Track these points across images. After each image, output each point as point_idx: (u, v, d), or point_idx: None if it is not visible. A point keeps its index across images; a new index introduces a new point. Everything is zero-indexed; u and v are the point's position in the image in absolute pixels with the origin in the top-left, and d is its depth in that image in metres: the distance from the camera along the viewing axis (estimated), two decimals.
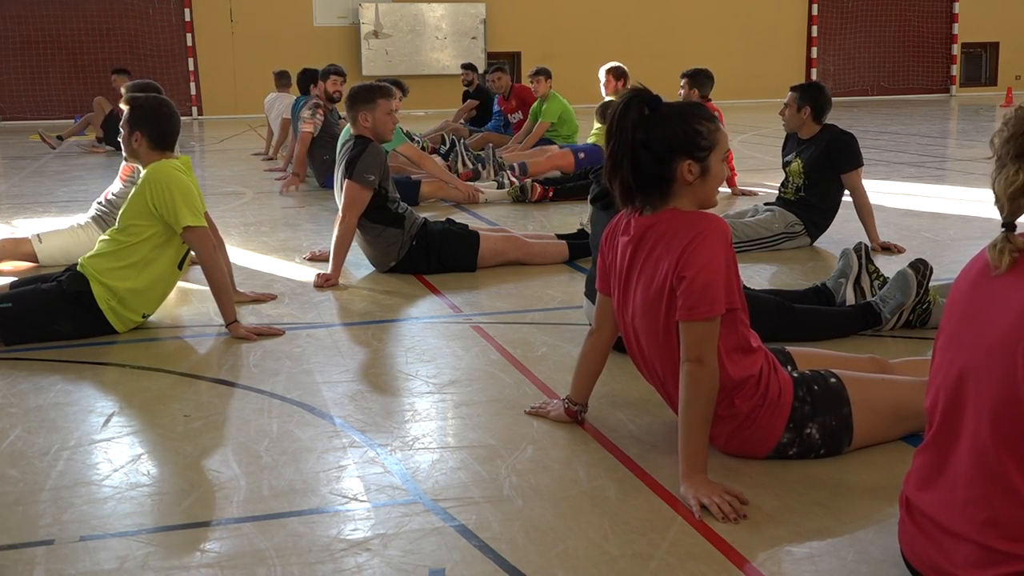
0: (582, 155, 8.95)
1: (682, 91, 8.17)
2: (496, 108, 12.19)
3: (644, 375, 3.02)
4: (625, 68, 9.30)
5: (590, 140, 9.48)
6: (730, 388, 2.77)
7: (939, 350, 2.10)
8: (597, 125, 9.00)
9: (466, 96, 13.43)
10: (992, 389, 1.91)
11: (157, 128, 4.38)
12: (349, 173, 5.31)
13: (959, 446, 1.99)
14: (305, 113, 9.19)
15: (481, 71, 13.54)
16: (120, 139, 4.48)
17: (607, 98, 9.37)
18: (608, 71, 9.31)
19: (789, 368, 3.01)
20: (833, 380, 2.88)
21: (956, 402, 2.00)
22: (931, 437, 2.08)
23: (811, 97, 5.95)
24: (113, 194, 5.98)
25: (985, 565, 1.90)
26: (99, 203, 6.08)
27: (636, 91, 2.75)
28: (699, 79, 8.19)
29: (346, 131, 5.91)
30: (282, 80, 11.97)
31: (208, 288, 4.42)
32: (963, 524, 1.95)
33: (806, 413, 2.82)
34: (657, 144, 2.70)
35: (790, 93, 6.04)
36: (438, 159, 8.84)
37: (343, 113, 10.70)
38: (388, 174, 5.45)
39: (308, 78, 10.24)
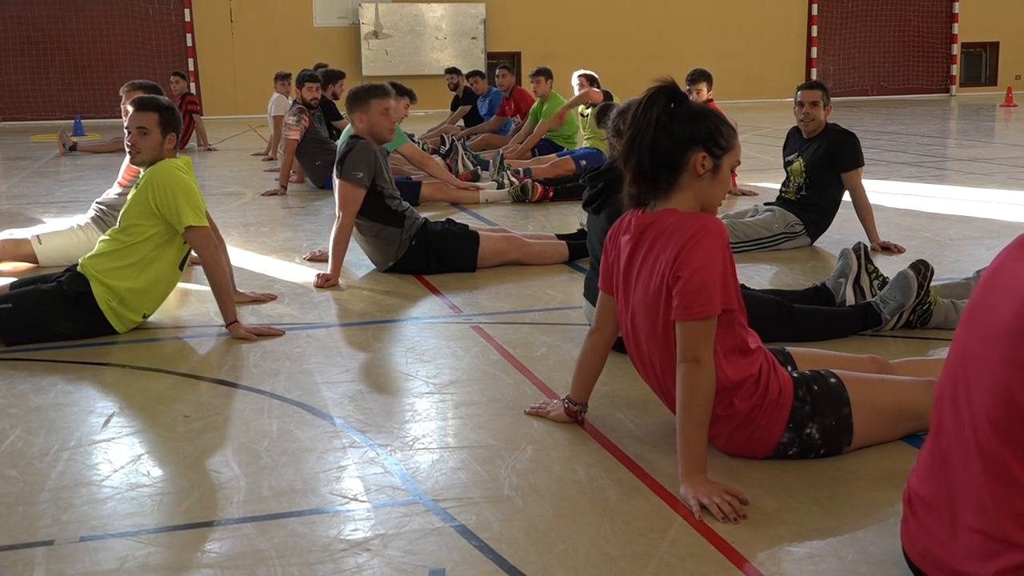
0: (583, 162, 8.96)
1: (693, 94, 8.15)
2: (485, 109, 12.23)
3: (641, 375, 3.02)
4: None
5: (586, 143, 9.50)
6: (729, 388, 2.77)
7: (954, 341, 2.09)
8: (594, 129, 9.02)
9: (455, 101, 13.42)
10: (989, 378, 1.90)
11: (180, 128, 4.46)
12: (339, 172, 5.34)
13: (962, 435, 1.98)
14: (290, 119, 9.11)
15: (478, 71, 13.56)
16: (129, 143, 4.41)
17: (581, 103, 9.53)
18: (583, 76, 9.46)
19: (789, 368, 3.01)
20: (833, 380, 2.88)
21: (959, 391, 1.99)
22: (934, 427, 2.08)
23: (828, 93, 5.96)
24: (113, 195, 5.98)
25: (988, 556, 1.90)
26: (98, 204, 6.08)
27: (665, 84, 2.77)
28: (710, 80, 8.20)
29: (347, 131, 5.92)
30: (282, 81, 11.97)
31: (208, 288, 4.42)
32: (968, 513, 1.95)
33: (806, 413, 2.82)
34: (679, 130, 2.73)
35: (808, 91, 5.94)
36: (438, 159, 8.84)
37: (343, 113, 10.68)
38: (383, 171, 5.44)
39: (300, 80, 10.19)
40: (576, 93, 9.50)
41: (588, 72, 9.62)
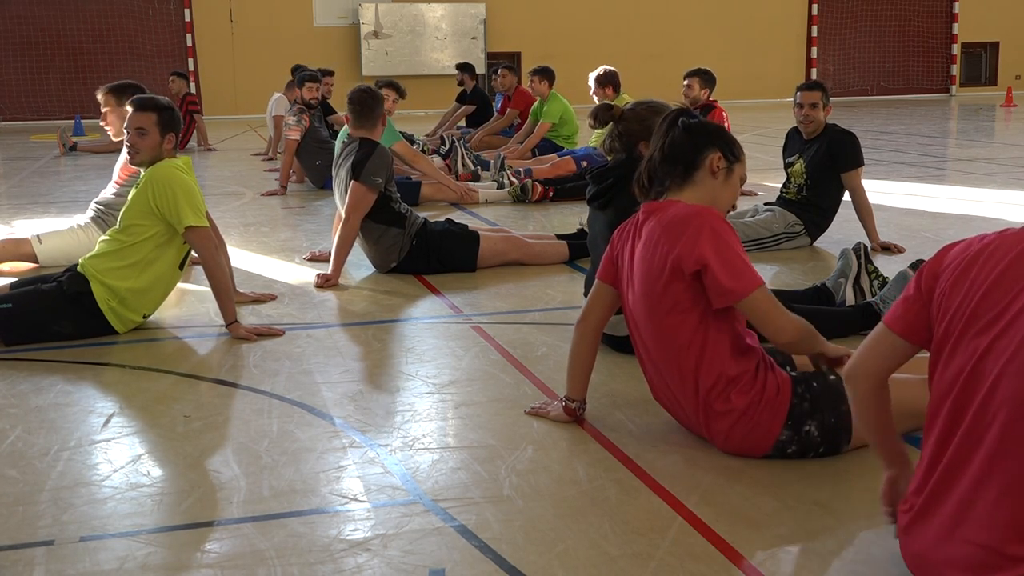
0: (584, 163, 8.93)
1: (689, 91, 8.12)
2: (497, 107, 12.15)
3: (642, 365, 3.07)
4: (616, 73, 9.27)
5: (591, 143, 9.46)
6: (726, 382, 2.81)
7: (958, 348, 2.02)
8: (597, 131, 8.93)
9: (461, 97, 13.33)
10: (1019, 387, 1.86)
11: (179, 128, 4.47)
12: (356, 175, 5.31)
13: (978, 445, 1.93)
14: (290, 119, 9.05)
15: (480, 72, 13.47)
16: (128, 144, 4.41)
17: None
18: (599, 75, 9.20)
19: (788, 368, 3.02)
20: (832, 377, 2.89)
21: (975, 402, 1.95)
22: (939, 435, 2.03)
23: (828, 94, 5.96)
24: (111, 194, 5.97)
25: (984, 568, 1.88)
26: (97, 203, 6.07)
27: (684, 108, 3.09)
28: (710, 79, 8.17)
29: (344, 132, 5.91)
30: (288, 82, 11.95)
31: (208, 288, 4.42)
32: (969, 523, 1.93)
33: (805, 410, 2.83)
34: (698, 132, 2.96)
35: (808, 92, 5.91)
36: (437, 159, 8.82)
37: (341, 112, 10.62)
38: (393, 175, 5.48)
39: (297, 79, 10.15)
40: (594, 97, 9.15)
41: (606, 70, 9.13)
